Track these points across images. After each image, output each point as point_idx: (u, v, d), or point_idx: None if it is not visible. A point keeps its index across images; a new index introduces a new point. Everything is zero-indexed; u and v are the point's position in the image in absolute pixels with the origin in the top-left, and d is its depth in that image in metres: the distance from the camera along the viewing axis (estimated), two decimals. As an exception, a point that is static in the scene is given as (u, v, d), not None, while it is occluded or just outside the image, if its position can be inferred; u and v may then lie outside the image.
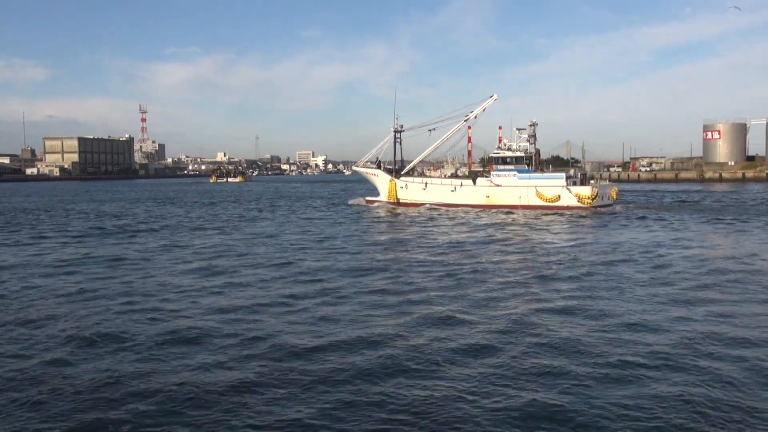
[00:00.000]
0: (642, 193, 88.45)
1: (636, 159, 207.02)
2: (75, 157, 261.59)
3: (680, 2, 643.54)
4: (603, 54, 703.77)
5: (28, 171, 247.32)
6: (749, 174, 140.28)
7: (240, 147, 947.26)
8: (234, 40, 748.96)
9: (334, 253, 29.15)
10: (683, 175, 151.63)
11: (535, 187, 55.51)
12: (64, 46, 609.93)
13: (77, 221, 49.01)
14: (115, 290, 20.32)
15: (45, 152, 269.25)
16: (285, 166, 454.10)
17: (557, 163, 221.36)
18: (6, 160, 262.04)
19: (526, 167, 56.93)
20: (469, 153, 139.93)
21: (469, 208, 56.83)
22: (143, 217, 53.45)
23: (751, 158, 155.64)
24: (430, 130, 64.33)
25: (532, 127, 58.82)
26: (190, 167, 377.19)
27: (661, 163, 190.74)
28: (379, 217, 51.12)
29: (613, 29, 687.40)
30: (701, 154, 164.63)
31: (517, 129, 59.69)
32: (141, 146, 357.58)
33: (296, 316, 16.58)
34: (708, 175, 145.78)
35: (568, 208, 53.84)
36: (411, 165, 67.62)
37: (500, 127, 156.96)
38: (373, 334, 14.76)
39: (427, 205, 60.05)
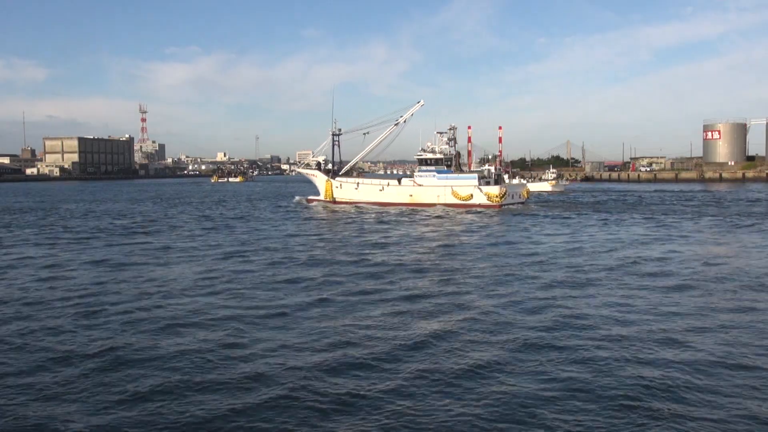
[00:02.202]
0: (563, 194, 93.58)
1: (636, 159, 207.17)
2: (75, 157, 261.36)
3: (681, 1, 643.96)
4: (603, 54, 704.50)
5: (28, 171, 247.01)
6: (749, 174, 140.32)
7: (240, 147, 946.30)
8: (234, 40, 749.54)
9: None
10: (683, 175, 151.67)
11: (451, 186, 60.02)
12: (64, 46, 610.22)
13: (76, 222, 49.02)
14: (125, 292, 20.34)
15: (45, 152, 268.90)
16: (285, 166, 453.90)
17: (558, 163, 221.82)
18: (6, 160, 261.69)
19: (445, 168, 61.20)
20: (469, 153, 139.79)
21: (395, 206, 60.95)
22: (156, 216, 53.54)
23: (751, 158, 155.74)
24: (364, 134, 68.65)
25: (452, 131, 62.93)
26: (190, 167, 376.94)
27: (661, 163, 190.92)
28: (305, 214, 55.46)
29: (613, 29, 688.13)
30: (701, 154, 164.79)
31: (438, 132, 63.58)
32: (141, 146, 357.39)
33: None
34: (708, 175, 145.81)
35: (479, 205, 58.66)
36: (348, 166, 71.90)
37: (500, 127, 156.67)
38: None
39: (360, 204, 63.94)
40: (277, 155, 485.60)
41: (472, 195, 59.31)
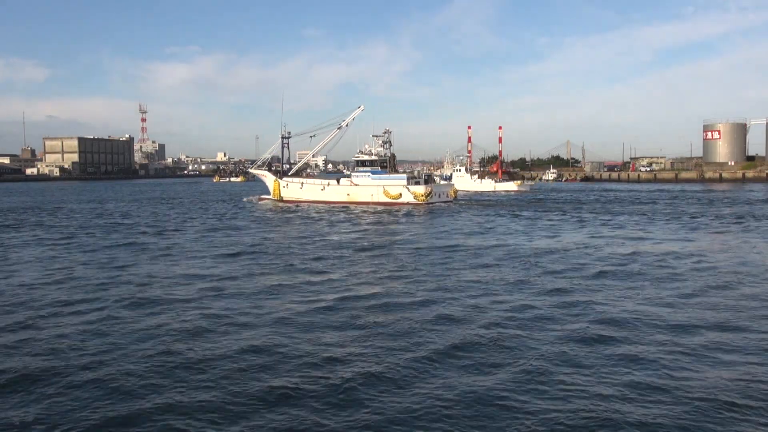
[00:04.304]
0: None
1: (636, 159, 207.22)
2: (75, 157, 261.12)
3: (682, 1, 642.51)
4: (604, 54, 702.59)
5: (28, 171, 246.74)
6: (749, 174, 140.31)
7: (240, 147, 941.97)
8: (234, 40, 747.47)
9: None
10: (683, 175, 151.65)
11: (383, 186, 64.53)
12: (64, 46, 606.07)
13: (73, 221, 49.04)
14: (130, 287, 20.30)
15: (45, 152, 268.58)
16: (285, 166, 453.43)
17: (558, 163, 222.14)
18: (6, 160, 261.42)
19: (380, 169, 65.70)
20: (469, 153, 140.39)
21: (334, 204, 65.14)
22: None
23: (751, 158, 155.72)
24: (311, 137, 74.20)
25: (387, 134, 67.49)
26: (190, 167, 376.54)
27: (661, 163, 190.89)
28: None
29: (614, 29, 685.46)
30: (701, 154, 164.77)
31: (374, 135, 68.24)
32: (141, 146, 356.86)
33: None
34: (708, 175, 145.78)
35: (407, 204, 63.18)
36: (296, 167, 77.72)
37: (500, 127, 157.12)
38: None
39: (303, 202, 68.52)
40: (277, 155, 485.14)
41: (401, 194, 63.92)
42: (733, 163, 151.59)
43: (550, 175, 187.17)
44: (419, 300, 18.07)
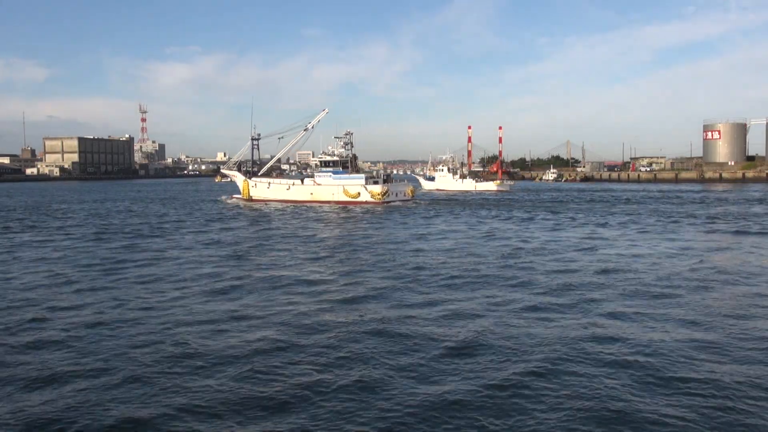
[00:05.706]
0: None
1: (636, 159, 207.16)
2: (75, 157, 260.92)
3: (682, 1, 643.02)
4: (604, 53, 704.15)
5: (28, 171, 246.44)
6: (749, 174, 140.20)
7: (240, 147, 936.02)
8: (234, 40, 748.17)
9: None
10: (683, 175, 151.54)
11: (343, 185, 67.27)
12: (64, 46, 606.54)
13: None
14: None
15: (45, 152, 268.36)
16: (285, 166, 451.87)
17: (558, 163, 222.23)
18: (6, 160, 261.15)
19: (341, 169, 68.46)
20: (469, 153, 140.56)
21: (298, 203, 67.57)
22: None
23: (751, 158, 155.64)
24: (279, 138, 76.71)
25: (348, 136, 70.45)
26: (190, 167, 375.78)
27: (661, 163, 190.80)
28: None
29: (614, 29, 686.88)
30: (701, 154, 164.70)
31: (335, 137, 71.27)
32: (141, 146, 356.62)
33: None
34: (708, 175, 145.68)
35: (365, 202, 65.95)
36: (266, 167, 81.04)
37: (500, 127, 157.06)
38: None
39: (270, 201, 70.95)
40: (279, 156, 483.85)
41: (359, 193, 66.39)
42: (733, 163, 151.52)
43: (551, 175, 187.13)
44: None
